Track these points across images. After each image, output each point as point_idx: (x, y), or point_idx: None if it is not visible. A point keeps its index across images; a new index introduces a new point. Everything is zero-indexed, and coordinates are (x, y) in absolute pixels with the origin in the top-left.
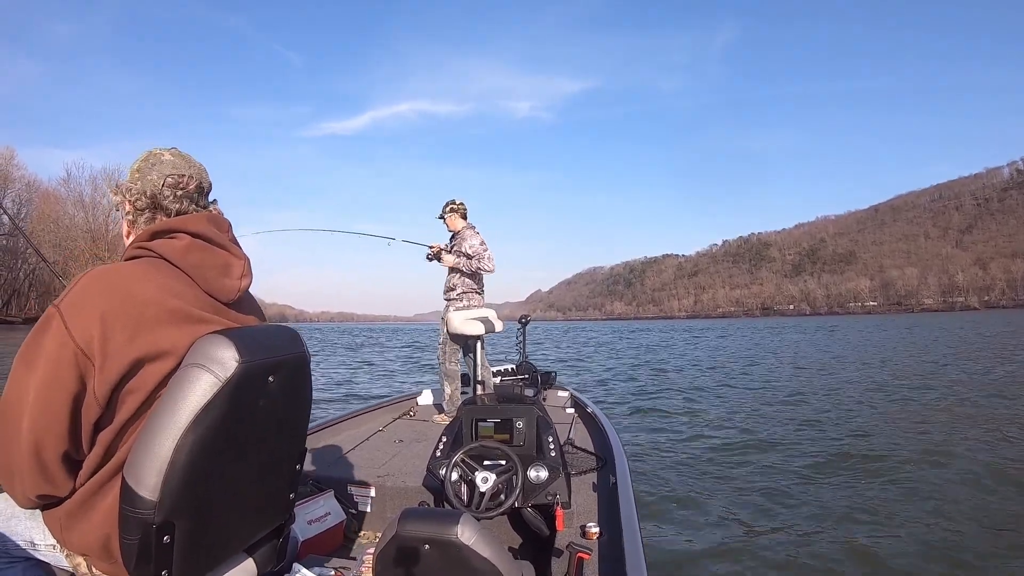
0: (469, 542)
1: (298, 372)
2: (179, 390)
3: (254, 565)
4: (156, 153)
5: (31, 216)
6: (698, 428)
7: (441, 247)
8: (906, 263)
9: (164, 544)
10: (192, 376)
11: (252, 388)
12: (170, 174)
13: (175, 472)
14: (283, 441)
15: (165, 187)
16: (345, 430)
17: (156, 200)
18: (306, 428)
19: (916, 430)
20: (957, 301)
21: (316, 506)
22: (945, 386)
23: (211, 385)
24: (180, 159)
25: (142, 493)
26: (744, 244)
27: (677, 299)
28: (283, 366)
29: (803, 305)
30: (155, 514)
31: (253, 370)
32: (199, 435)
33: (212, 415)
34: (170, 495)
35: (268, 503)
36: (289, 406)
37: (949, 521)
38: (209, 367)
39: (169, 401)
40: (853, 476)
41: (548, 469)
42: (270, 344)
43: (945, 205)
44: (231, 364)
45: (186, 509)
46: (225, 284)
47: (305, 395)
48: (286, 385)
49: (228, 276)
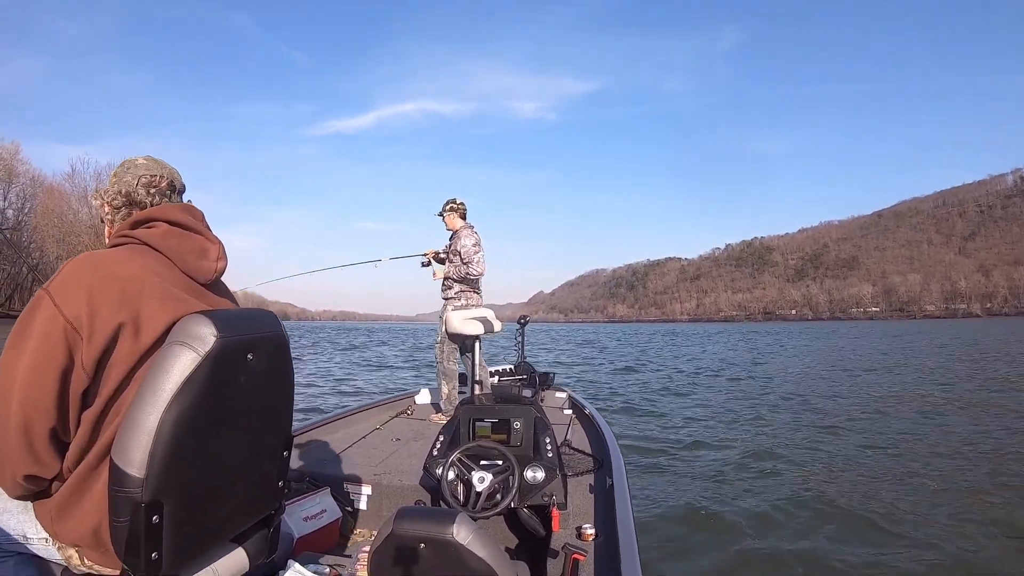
0: (465, 542)
1: (277, 351)
2: (161, 366)
3: (245, 556)
4: (131, 160)
5: (35, 211)
6: (695, 431)
7: (435, 253)
8: (909, 269)
9: (153, 524)
10: (174, 352)
11: (231, 364)
12: (143, 175)
13: (160, 447)
14: (266, 422)
15: (139, 186)
16: (342, 428)
17: (131, 197)
18: (290, 413)
19: (917, 431)
20: (959, 308)
21: (312, 503)
22: (944, 387)
23: (192, 360)
24: (153, 162)
25: (129, 470)
26: (747, 248)
27: (679, 302)
28: (261, 344)
29: (805, 310)
30: (143, 491)
31: (231, 345)
32: (182, 409)
33: (194, 389)
34: (156, 472)
35: (256, 488)
36: (270, 386)
37: (949, 521)
38: (189, 343)
39: (152, 377)
40: (853, 477)
41: (545, 470)
42: (247, 324)
43: (948, 212)
44: (210, 339)
45: (173, 486)
46: (202, 265)
47: (286, 376)
48: (266, 363)
49: (205, 258)
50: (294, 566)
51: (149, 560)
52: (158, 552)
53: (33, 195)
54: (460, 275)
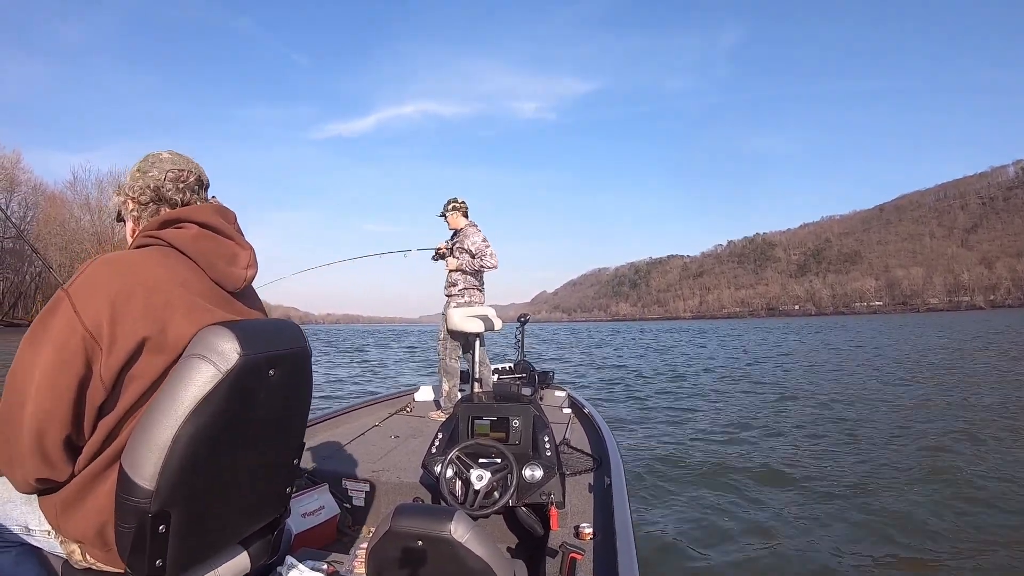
0: (462, 539)
1: (299, 366)
2: (180, 380)
3: (248, 558)
4: (155, 154)
5: (37, 219)
6: (695, 431)
7: (445, 247)
8: (911, 263)
9: (159, 534)
10: (193, 366)
11: (253, 381)
12: (170, 169)
13: (172, 462)
14: (281, 435)
15: (167, 180)
16: (341, 424)
17: (160, 192)
18: (305, 423)
19: (917, 433)
20: (963, 301)
21: (310, 499)
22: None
23: (212, 376)
24: (179, 157)
25: (139, 482)
26: (749, 244)
27: (682, 300)
28: (284, 360)
29: (809, 305)
30: (151, 503)
31: (254, 363)
32: (198, 426)
33: (212, 406)
34: (167, 485)
35: (265, 497)
36: (289, 400)
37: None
38: (210, 358)
39: (169, 390)
40: (853, 480)
41: (543, 468)
42: (272, 337)
43: (950, 204)
44: (232, 356)
45: (182, 500)
46: (232, 273)
47: (305, 390)
48: (287, 379)
49: (235, 265)
50: (292, 562)
51: (153, 566)
52: (163, 559)
53: (35, 203)
54: (474, 268)
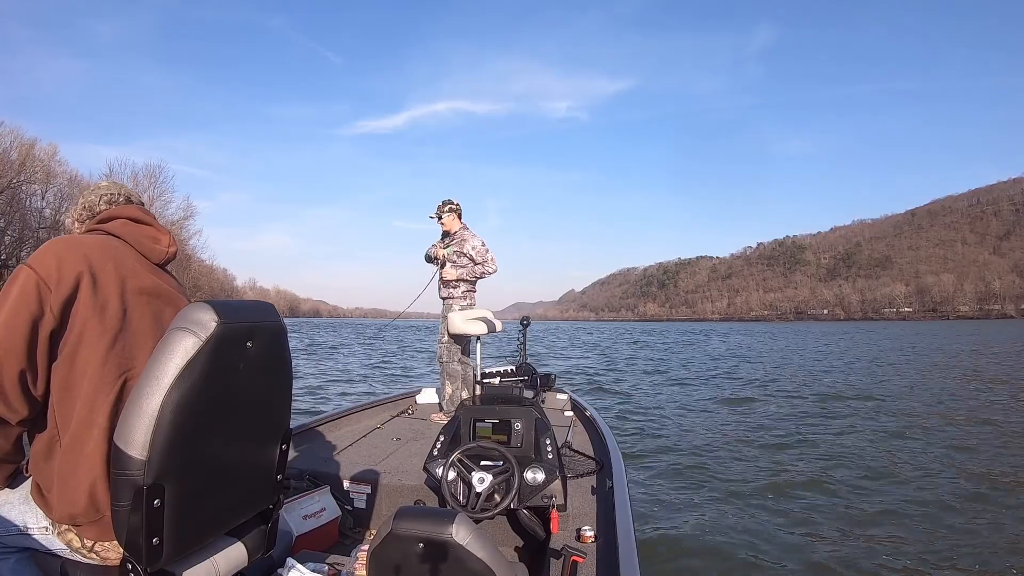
0: (464, 542)
1: (275, 341)
2: (164, 350)
3: (244, 549)
4: (96, 184)
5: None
6: (696, 435)
7: (442, 251)
8: (942, 269)
9: (155, 508)
10: (176, 338)
11: (231, 349)
12: (104, 194)
13: (162, 429)
14: (264, 411)
15: (101, 201)
16: (343, 426)
17: (92, 211)
18: (289, 405)
19: (920, 433)
20: (993, 308)
21: (311, 502)
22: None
23: (193, 344)
24: (113, 184)
25: (131, 452)
26: (779, 247)
27: (710, 301)
28: (260, 332)
29: (837, 310)
30: (145, 474)
31: (231, 332)
32: (183, 392)
33: (195, 372)
34: (158, 453)
35: (254, 479)
36: (268, 374)
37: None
38: (191, 328)
39: (156, 361)
40: (854, 481)
41: (545, 471)
42: (248, 312)
43: (983, 210)
44: (211, 324)
45: (174, 470)
46: (156, 248)
47: (284, 366)
48: (264, 352)
49: (158, 243)
50: (293, 564)
51: (150, 545)
52: (159, 538)
53: (70, 195)
54: (475, 276)
